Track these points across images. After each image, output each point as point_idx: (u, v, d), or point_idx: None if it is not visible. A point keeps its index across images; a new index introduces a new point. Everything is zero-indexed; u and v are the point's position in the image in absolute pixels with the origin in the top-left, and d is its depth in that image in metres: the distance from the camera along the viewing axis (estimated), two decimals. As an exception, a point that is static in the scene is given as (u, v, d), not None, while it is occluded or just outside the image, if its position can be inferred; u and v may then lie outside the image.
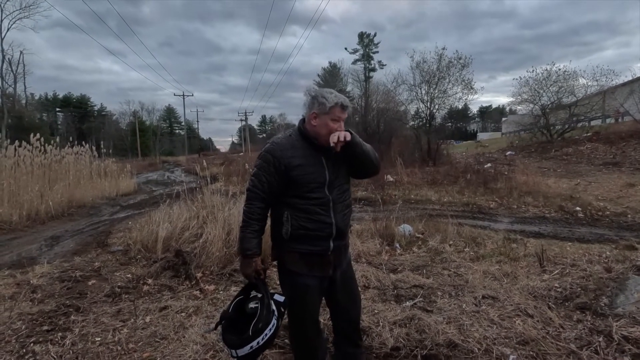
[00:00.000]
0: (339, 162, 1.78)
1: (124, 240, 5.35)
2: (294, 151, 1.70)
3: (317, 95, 1.75)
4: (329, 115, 1.69)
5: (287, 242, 1.74)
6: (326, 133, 1.68)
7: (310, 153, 1.72)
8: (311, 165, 1.70)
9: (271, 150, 1.72)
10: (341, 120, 1.70)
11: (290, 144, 1.73)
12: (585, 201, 6.69)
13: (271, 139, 1.81)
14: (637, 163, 10.20)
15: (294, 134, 1.78)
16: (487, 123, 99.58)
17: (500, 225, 5.96)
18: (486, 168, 12.10)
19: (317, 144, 1.72)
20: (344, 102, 1.71)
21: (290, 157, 1.68)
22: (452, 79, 18.08)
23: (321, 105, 1.71)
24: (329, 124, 1.69)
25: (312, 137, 1.73)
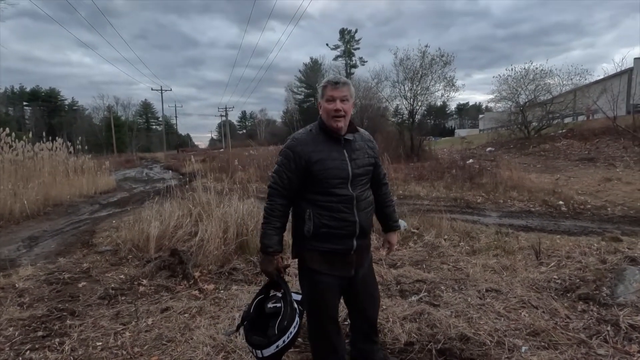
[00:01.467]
0: (362, 157, 1.75)
1: (111, 240, 5.14)
2: (314, 146, 1.66)
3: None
4: (324, 98, 1.68)
5: (308, 240, 1.70)
6: (327, 117, 1.67)
7: (332, 147, 1.68)
8: (333, 160, 1.66)
9: (291, 147, 1.68)
10: (336, 99, 1.63)
11: (310, 139, 1.69)
12: (567, 195, 6.96)
13: (292, 135, 1.77)
14: (611, 158, 10.69)
15: (314, 128, 1.75)
16: (465, 120, 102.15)
17: (489, 220, 6.11)
18: (469, 164, 12.40)
19: (336, 136, 1.69)
20: (332, 79, 1.68)
21: (310, 152, 1.64)
22: (434, 76, 18.44)
23: (319, 92, 1.74)
24: (325, 107, 1.67)
25: (327, 128, 1.69)
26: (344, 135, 1.71)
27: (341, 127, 1.66)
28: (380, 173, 1.90)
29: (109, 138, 59.08)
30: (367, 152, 1.78)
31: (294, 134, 1.77)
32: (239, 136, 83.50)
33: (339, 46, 60.09)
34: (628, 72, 20.94)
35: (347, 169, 1.67)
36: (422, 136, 19.51)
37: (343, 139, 1.70)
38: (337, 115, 1.64)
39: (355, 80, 27.29)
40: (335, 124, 1.65)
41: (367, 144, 1.81)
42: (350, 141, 1.73)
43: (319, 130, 1.72)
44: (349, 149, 1.71)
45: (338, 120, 1.65)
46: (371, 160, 1.79)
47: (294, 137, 1.72)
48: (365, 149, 1.78)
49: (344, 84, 1.67)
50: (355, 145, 1.74)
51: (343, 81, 1.67)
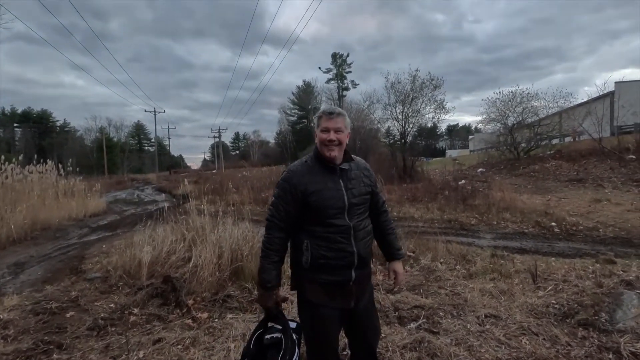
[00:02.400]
0: (359, 185, 1.76)
1: (101, 266, 5.01)
2: (310, 177, 1.68)
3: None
4: (319, 128, 1.71)
5: (307, 272, 1.68)
6: (321, 146, 1.69)
7: (327, 177, 1.70)
8: (329, 190, 1.66)
9: (287, 179, 1.70)
10: (330, 130, 1.66)
11: (306, 170, 1.71)
12: (560, 217, 7.03)
13: (288, 167, 1.79)
14: (599, 179, 10.90)
15: (310, 159, 1.76)
16: (455, 140, 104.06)
17: (483, 242, 6.13)
18: (461, 184, 12.53)
19: (331, 165, 1.70)
20: (327, 110, 1.72)
21: (306, 183, 1.66)
22: (425, 99, 18.87)
23: (314, 122, 1.77)
24: (320, 136, 1.69)
25: (322, 158, 1.71)
26: (340, 165, 1.72)
27: (335, 156, 1.68)
28: (378, 201, 1.91)
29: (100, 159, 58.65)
30: (363, 181, 1.79)
31: (290, 165, 1.78)
32: (232, 157, 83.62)
33: (332, 69, 61.47)
34: (610, 95, 21.73)
35: (343, 199, 1.67)
36: (414, 157, 19.75)
37: (338, 169, 1.72)
38: (330, 145, 1.66)
39: (348, 103, 27.89)
40: (328, 153, 1.67)
41: (363, 173, 1.82)
42: (346, 170, 1.74)
43: (314, 161, 1.74)
44: (344, 178, 1.72)
45: (331, 149, 1.66)
46: (368, 188, 1.80)
47: (290, 169, 1.74)
48: (362, 177, 1.79)
49: (339, 114, 1.70)
50: (351, 174, 1.75)
51: (337, 112, 1.70)
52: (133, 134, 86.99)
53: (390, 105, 19.36)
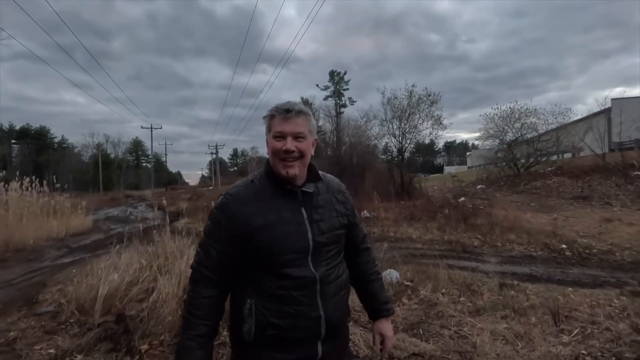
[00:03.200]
0: (329, 216, 1.24)
1: (57, 297, 4.42)
2: (257, 204, 1.15)
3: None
4: (271, 133, 1.19)
5: (250, 348, 1.15)
6: (274, 160, 1.17)
7: (283, 205, 1.17)
8: (285, 224, 1.14)
9: (223, 207, 1.17)
10: (287, 135, 1.15)
11: (252, 194, 1.17)
12: (570, 238, 6.50)
13: (226, 190, 1.25)
14: (605, 197, 10.41)
15: (259, 177, 1.24)
16: (453, 157, 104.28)
17: (488, 266, 5.57)
18: (461, 202, 12.02)
19: (289, 188, 1.18)
20: (281, 106, 1.17)
21: (251, 215, 1.13)
22: (422, 115, 18.57)
23: (265, 124, 1.23)
24: (272, 145, 1.16)
25: (275, 178, 1.19)
26: (301, 187, 1.21)
27: (294, 175, 1.16)
28: (358, 235, 1.39)
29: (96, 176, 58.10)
30: (336, 209, 1.27)
31: (229, 187, 1.25)
32: (230, 173, 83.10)
33: (329, 87, 61.70)
34: (607, 111, 21.51)
35: (306, 237, 1.15)
36: (412, 173, 19.29)
37: (300, 193, 1.20)
38: (288, 157, 1.14)
39: (345, 119, 27.57)
40: (284, 171, 1.15)
41: (335, 197, 1.30)
42: (311, 195, 1.22)
43: (265, 180, 1.21)
44: (308, 206, 1.20)
45: (289, 165, 1.15)
46: (343, 220, 1.28)
47: (228, 193, 1.21)
48: (334, 203, 1.28)
49: (299, 112, 1.17)
50: (319, 201, 1.24)
51: (298, 109, 1.17)
52: (131, 150, 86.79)
53: (387, 121, 19.06)
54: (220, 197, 1.21)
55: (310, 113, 1.21)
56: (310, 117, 1.21)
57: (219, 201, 1.19)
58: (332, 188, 1.32)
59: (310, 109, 24.55)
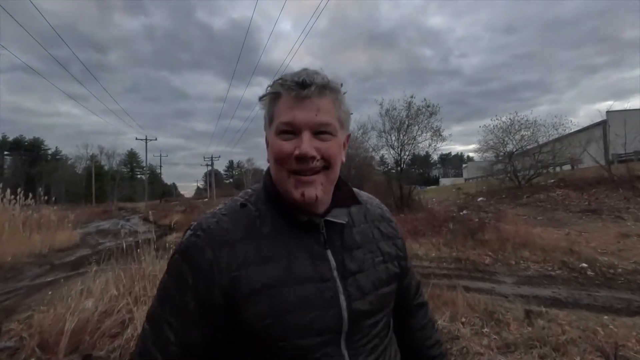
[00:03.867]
0: (370, 263, 0.77)
1: (22, 328, 3.87)
2: (250, 247, 0.69)
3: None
4: (273, 125, 0.73)
5: None
6: (279, 174, 0.72)
7: (295, 245, 0.71)
8: (299, 282, 0.68)
9: (190, 252, 0.69)
10: (303, 129, 0.68)
11: (241, 229, 0.71)
12: (589, 256, 6.04)
13: (198, 220, 0.75)
14: (616, 210, 10.02)
15: (254, 199, 0.77)
16: (448, 169, 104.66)
17: (505, 288, 5.09)
18: (464, 215, 11.58)
19: (304, 220, 0.72)
20: (293, 78, 0.70)
21: (239, 267, 0.67)
22: (421, 126, 18.28)
23: (265, 111, 0.77)
24: (276, 147, 0.70)
25: (281, 201, 0.73)
26: (326, 215, 0.75)
27: (314, 199, 0.70)
28: (410, 285, 0.93)
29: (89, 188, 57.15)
30: (382, 249, 0.82)
31: (204, 217, 0.75)
32: (225, 185, 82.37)
33: (326, 99, 62.00)
34: (602, 124, 21.40)
35: (337, 305, 0.69)
36: (410, 185, 18.91)
37: (323, 225, 0.74)
38: (303, 169, 0.69)
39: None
40: (298, 192, 0.69)
41: (378, 228, 0.85)
42: (342, 228, 0.76)
43: (263, 205, 0.75)
44: (338, 247, 0.74)
45: (305, 183, 0.69)
46: (393, 267, 0.82)
47: (200, 226, 0.72)
48: (377, 240, 0.82)
49: (323, 89, 0.70)
50: (354, 237, 0.78)
51: (321, 82, 0.70)
52: (125, 162, 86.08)
53: (385, 133, 18.74)
54: (188, 231, 0.73)
55: (341, 90, 0.75)
56: (341, 96, 0.75)
57: (184, 239, 0.72)
58: (372, 214, 0.86)
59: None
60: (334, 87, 0.72)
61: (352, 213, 0.82)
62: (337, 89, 0.73)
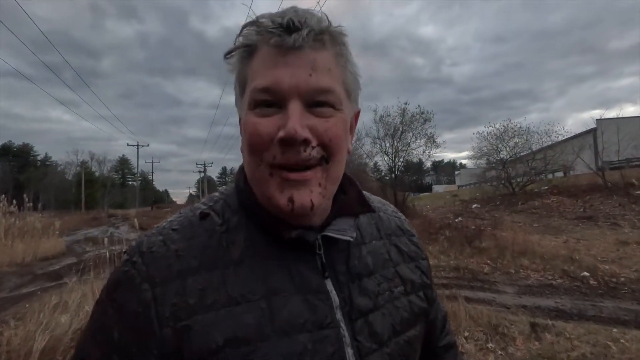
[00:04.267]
0: (387, 291, 0.57)
1: (-9, 346, 3.56)
2: (212, 277, 0.48)
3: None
4: (246, 96, 0.51)
5: None
6: (254, 169, 0.50)
7: (280, 274, 0.50)
8: (289, 329, 0.47)
9: (117, 289, 0.48)
10: (290, 97, 0.47)
11: (198, 250, 0.49)
12: (590, 264, 5.90)
13: (138, 239, 0.52)
14: (612, 217, 9.97)
15: (221, 206, 0.55)
16: (441, 176, 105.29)
17: (507, 298, 4.90)
18: (459, 222, 11.44)
19: (297, 233, 0.50)
20: (276, 19, 0.47)
21: (193, 312, 0.45)
22: (415, 133, 18.25)
23: (236, 76, 0.54)
24: (251, 124, 0.48)
25: (260, 214, 0.52)
26: (324, 230, 0.53)
27: (307, 207, 0.48)
28: (436, 321, 0.70)
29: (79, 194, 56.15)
30: (402, 275, 0.61)
31: (146, 235, 0.53)
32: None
33: (319, 105, 62.16)
34: (592, 131, 21.61)
35: (342, 353, 0.48)
36: (406, 192, 18.81)
37: (319, 242, 0.53)
38: (290, 162, 0.47)
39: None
40: (283, 197, 0.48)
41: (393, 244, 0.64)
42: (347, 246, 0.56)
43: (237, 216, 0.54)
44: (342, 277, 0.53)
45: (294, 182, 0.48)
46: (418, 301, 0.61)
47: (139, 250, 0.50)
48: (395, 263, 0.61)
49: (320, 36, 0.48)
50: (365, 262, 0.57)
51: (318, 27, 0.48)
52: (117, 168, 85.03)
53: (380, 139, 18.66)
54: (124, 256, 0.51)
55: (346, 41, 0.53)
56: (347, 50, 0.53)
57: (115, 270, 0.50)
58: (387, 226, 0.66)
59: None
60: (338, 35, 0.51)
61: (361, 225, 0.61)
62: (342, 37, 0.52)
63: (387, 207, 0.72)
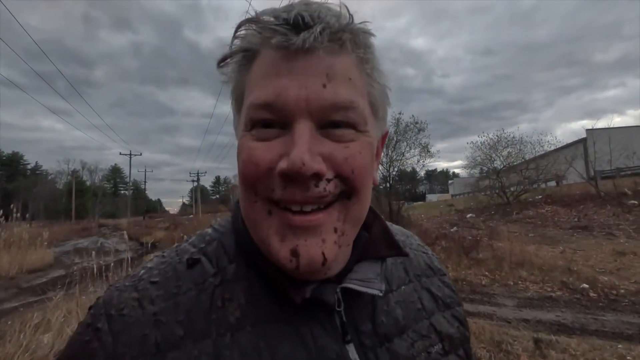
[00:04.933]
0: (424, 352, 0.45)
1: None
2: (197, 350, 0.37)
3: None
4: (242, 116, 0.40)
5: None
6: (249, 210, 0.40)
7: (291, 344, 0.38)
8: None
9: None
10: (299, 115, 0.36)
11: (184, 315, 0.39)
12: (588, 275, 5.83)
13: (106, 294, 0.41)
14: (607, 227, 9.97)
15: (214, 249, 0.44)
16: (435, 185, 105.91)
17: (507, 312, 4.80)
18: (454, 232, 11.37)
19: (309, 292, 0.40)
20: (279, 14, 0.37)
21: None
22: (409, 142, 18.30)
23: (233, 89, 0.43)
24: (244, 152, 0.38)
25: (271, 264, 0.41)
26: (344, 281, 0.42)
27: (317, 264, 0.37)
28: None
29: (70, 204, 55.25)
30: (436, 327, 0.49)
31: (115, 287, 0.41)
32: (211, 201, 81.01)
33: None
34: (583, 141, 21.89)
35: None
36: (400, 201, 18.76)
37: (339, 298, 0.42)
38: (294, 199, 0.36)
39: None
40: (283, 250, 0.37)
41: (424, 288, 0.54)
42: (372, 300, 0.46)
43: (235, 263, 0.43)
44: (367, 339, 0.42)
45: (300, 231, 0.36)
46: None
47: (106, 312, 0.39)
48: (428, 313, 0.50)
49: (338, 35, 0.37)
50: (394, 316, 0.46)
51: (331, 23, 0.37)
52: (109, 177, 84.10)
53: (374, 148, 18.67)
54: (87, 316, 0.40)
55: (373, 43, 0.42)
56: (373, 54, 0.42)
57: (75, 339, 0.38)
58: (415, 265, 0.56)
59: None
60: (362, 34, 0.40)
61: (387, 268, 0.50)
62: (368, 38, 0.41)
63: (412, 240, 0.62)
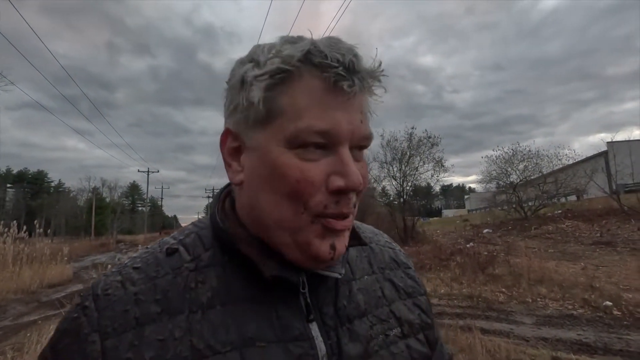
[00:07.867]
0: (382, 334, 0.50)
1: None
2: (172, 325, 0.41)
3: (235, 70, 0.47)
4: (274, 130, 0.43)
5: None
6: (289, 219, 0.43)
7: (259, 322, 0.43)
8: None
9: (62, 341, 0.41)
10: (342, 142, 0.43)
11: (162, 295, 0.43)
12: (612, 293, 5.60)
13: (95, 280, 0.46)
14: (631, 242, 9.58)
15: (192, 240, 0.49)
16: (450, 200, 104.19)
17: (525, 330, 4.64)
18: (473, 248, 11.13)
19: (278, 272, 0.44)
20: (330, 52, 0.41)
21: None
22: (423, 157, 18.21)
23: (244, 104, 0.45)
24: (293, 169, 0.41)
25: (252, 246, 0.46)
26: (330, 269, 0.47)
27: (342, 253, 0.45)
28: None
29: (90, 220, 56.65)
30: (395, 313, 0.54)
31: (104, 275, 0.46)
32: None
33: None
34: (603, 154, 21.29)
35: None
36: (413, 216, 18.54)
37: (304, 281, 0.46)
38: (337, 212, 0.43)
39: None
40: (324, 246, 0.43)
41: (387, 279, 0.58)
42: (335, 284, 0.50)
43: (210, 251, 0.48)
44: (329, 320, 0.47)
45: (337, 232, 0.44)
46: (417, 345, 0.53)
47: (93, 293, 0.44)
48: (390, 301, 0.55)
49: (371, 81, 0.44)
50: (355, 300, 0.51)
51: (370, 70, 0.43)
52: (127, 194, 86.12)
53: (387, 163, 18.64)
54: (76, 299, 0.45)
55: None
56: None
57: (66, 317, 0.43)
58: (380, 259, 0.60)
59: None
60: (381, 79, 0.46)
61: (351, 259, 0.56)
62: (383, 81, 0.46)
63: (380, 238, 0.66)
